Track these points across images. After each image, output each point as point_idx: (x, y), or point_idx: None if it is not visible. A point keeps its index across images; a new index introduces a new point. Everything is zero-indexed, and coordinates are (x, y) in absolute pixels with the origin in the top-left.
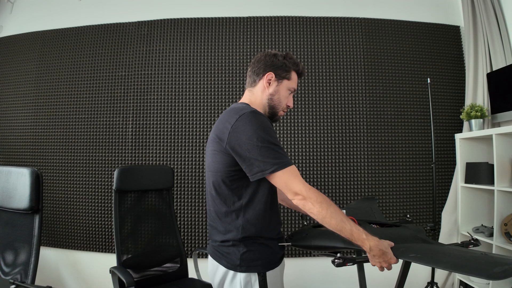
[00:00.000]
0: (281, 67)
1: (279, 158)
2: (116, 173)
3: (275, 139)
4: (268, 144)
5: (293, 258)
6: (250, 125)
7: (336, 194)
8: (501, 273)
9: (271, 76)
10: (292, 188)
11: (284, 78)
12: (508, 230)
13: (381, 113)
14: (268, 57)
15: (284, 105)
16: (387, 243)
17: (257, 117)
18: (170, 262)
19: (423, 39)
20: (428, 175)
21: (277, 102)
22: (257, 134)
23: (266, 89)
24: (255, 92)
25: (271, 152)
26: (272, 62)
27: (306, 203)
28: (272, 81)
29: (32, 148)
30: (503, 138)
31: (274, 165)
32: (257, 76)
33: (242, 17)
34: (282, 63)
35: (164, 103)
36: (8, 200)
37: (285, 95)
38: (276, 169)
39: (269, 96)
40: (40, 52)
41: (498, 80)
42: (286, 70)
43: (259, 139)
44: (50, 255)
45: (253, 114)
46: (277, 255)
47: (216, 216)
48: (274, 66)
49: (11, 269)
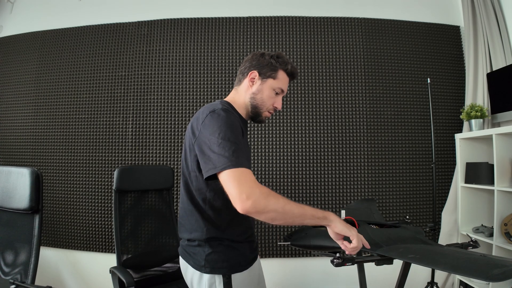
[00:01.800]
0: (267, 65)
1: (233, 156)
2: (116, 173)
3: (238, 139)
4: (228, 142)
5: (293, 258)
6: (216, 121)
7: (336, 194)
8: (500, 275)
9: (255, 74)
10: (238, 192)
11: (269, 77)
12: (508, 230)
13: (381, 113)
14: (255, 56)
15: (269, 106)
16: (352, 227)
17: (225, 115)
18: (170, 262)
19: (423, 39)
20: (428, 175)
21: (260, 101)
22: (220, 130)
23: (249, 87)
24: (239, 91)
25: (229, 149)
26: (258, 61)
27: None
28: (256, 80)
29: (32, 148)
30: (503, 138)
31: (227, 163)
32: (243, 75)
33: (242, 17)
34: (268, 61)
35: (164, 103)
36: (8, 200)
37: (269, 95)
38: (228, 166)
39: (252, 95)
40: (40, 52)
41: (498, 80)
42: (271, 69)
43: (220, 134)
44: (50, 255)
45: (222, 112)
46: (246, 257)
47: (184, 213)
48: (260, 64)
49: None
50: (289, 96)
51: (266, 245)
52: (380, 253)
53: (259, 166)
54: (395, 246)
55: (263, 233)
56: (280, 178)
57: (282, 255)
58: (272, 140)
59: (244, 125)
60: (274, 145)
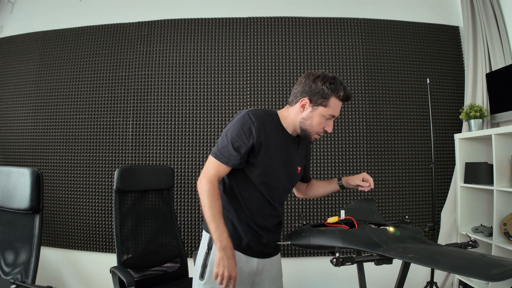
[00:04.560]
0: (318, 93)
1: (223, 152)
2: (117, 173)
3: (238, 141)
4: (228, 139)
5: (293, 258)
6: (234, 122)
7: (335, 194)
8: (499, 275)
9: (306, 102)
10: (203, 171)
11: (320, 105)
12: (507, 230)
13: (380, 113)
14: (308, 81)
15: (320, 130)
16: (235, 260)
17: (244, 119)
18: (170, 262)
19: (422, 40)
20: (428, 175)
21: (309, 127)
22: (232, 129)
23: (300, 112)
24: (290, 112)
25: (224, 144)
26: (310, 88)
27: (199, 187)
28: (307, 106)
29: (33, 148)
30: (502, 138)
31: (214, 152)
32: (295, 97)
33: (242, 18)
34: (320, 89)
35: (165, 104)
36: (8, 200)
37: (319, 122)
38: (212, 154)
39: (301, 120)
40: (41, 53)
41: (497, 80)
42: (323, 96)
43: (228, 131)
44: (51, 255)
45: (244, 114)
46: (238, 240)
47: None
48: (312, 91)
49: (11, 269)
50: (289, 96)
51: None
52: (380, 253)
53: None
54: (394, 246)
55: None
56: None
57: (282, 255)
58: None
59: (284, 136)
60: None
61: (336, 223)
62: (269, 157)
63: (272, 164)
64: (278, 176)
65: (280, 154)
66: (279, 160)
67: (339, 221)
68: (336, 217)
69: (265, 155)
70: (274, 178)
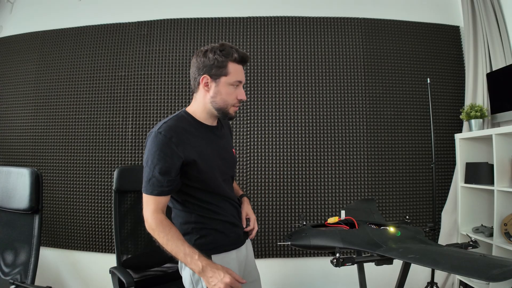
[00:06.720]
0: (213, 65)
1: (152, 184)
2: (116, 173)
3: (157, 165)
4: (151, 169)
5: (293, 258)
6: (149, 147)
7: (336, 194)
8: (500, 275)
9: (207, 79)
10: (144, 212)
11: (221, 76)
12: (508, 230)
13: (380, 113)
14: (198, 58)
15: (233, 101)
16: (220, 266)
17: (158, 139)
18: (170, 262)
19: (423, 39)
20: (428, 175)
21: (222, 102)
22: (150, 156)
23: (206, 93)
24: (198, 99)
25: (149, 176)
26: (203, 63)
27: (148, 228)
28: (209, 83)
29: (32, 148)
30: (503, 138)
31: (145, 187)
32: (195, 80)
33: (242, 17)
34: (213, 60)
35: (164, 103)
36: (8, 200)
37: (228, 92)
38: (143, 191)
39: (211, 100)
40: (40, 52)
41: (498, 80)
42: (220, 66)
43: (148, 160)
44: (50, 255)
45: (156, 134)
46: (226, 239)
47: None
48: (207, 66)
49: (11, 269)
50: (289, 96)
51: (266, 245)
52: (380, 253)
53: (259, 167)
54: (395, 246)
55: (263, 233)
56: (280, 178)
57: (282, 255)
58: (272, 141)
59: (206, 131)
60: (274, 146)
61: (337, 223)
62: (204, 162)
63: (210, 165)
64: (221, 171)
65: (212, 151)
66: (215, 157)
67: (339, 221)
68: (336, 217)
69: (200, 164)
70: (218, 175)
